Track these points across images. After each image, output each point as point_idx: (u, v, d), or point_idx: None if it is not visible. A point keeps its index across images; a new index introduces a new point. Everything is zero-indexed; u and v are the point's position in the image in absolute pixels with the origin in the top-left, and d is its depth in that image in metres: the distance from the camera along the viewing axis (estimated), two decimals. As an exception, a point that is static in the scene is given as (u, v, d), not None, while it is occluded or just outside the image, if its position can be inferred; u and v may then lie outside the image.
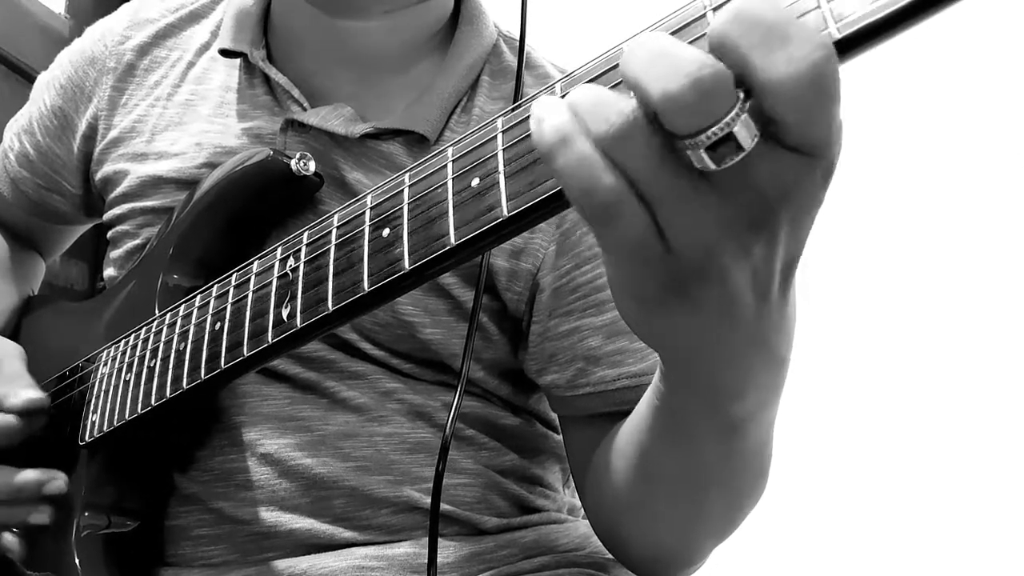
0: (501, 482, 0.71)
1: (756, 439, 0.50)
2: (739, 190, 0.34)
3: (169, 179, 0.72)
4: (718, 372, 0.43)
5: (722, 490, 0.55)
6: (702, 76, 0.31)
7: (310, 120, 0.69)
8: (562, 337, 0.67)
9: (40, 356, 0.76)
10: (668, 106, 0.31)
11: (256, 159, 0.67)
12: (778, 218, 0.35)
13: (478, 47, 0.73)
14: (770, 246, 0.36)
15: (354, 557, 0.65)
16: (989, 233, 1.40)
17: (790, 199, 0.34)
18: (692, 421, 0.48)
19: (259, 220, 0.70)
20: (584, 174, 0.34)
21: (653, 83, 0.31)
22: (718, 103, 0.31)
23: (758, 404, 0.46)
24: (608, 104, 0.33)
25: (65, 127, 0.81)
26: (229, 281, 0.58)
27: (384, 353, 0.68)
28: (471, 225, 0.42)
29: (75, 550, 0.65)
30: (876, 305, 1.45)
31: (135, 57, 0.79)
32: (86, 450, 0.68)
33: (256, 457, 0.67)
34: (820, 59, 0.30)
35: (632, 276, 0.38)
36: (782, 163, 0.33)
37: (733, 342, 0.40)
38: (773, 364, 0.43)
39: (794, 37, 0.30)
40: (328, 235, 0.51)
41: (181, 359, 0.59)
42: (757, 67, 0.31)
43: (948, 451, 1.37)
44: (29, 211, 0.87)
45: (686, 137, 0.32)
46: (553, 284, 0.67)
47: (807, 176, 0.33)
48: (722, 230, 0.35)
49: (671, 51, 0.31)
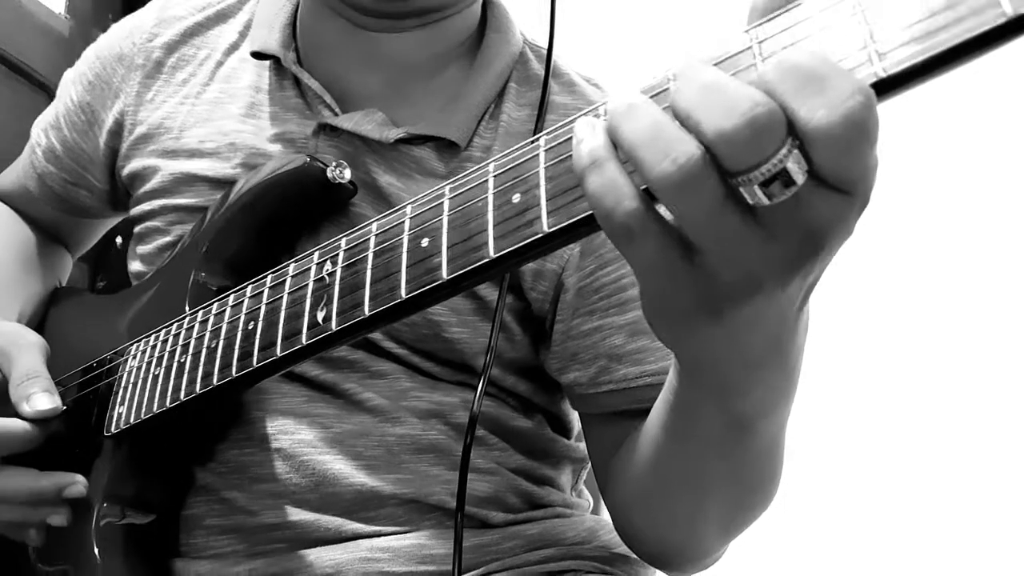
0: (513, 479, 0.72)
1: (765, 439, 0.51)
2: (784, 226, 0.35)
3: (203, 177, 0.74)
4: (730, 372, 0.44)
5: (729, 488, 0.56)
6: (756, 115, 0.32)
7: (343, 124, 0.70)
8: (585, 336, 0.69)
9: (66, 347, 0.77)
10: (723, 144, 0.32)
11: (292, 165, 0.69)
12: (819, 254, 0.36)
13: (506, 55, 0.75)
14: (805, 276, 0.37)
15: (360, 549, 0.66)
16: (988, 233, 1.41)
17: (832, 235, 0.35)
18: (699, 416, 0.49)
19: (292, 225, 0.71)
20: (610, 197, 0.35)
21: (707, 121, 0.32)
22: (771, 140, 0.32)
23: (766, 403, 0.47)
24: (670, 139, 0.34)
25: (92, 122, 0.83)
26: (264, 282, 0.60)
27: (406, 351, 0.70)
28: (510, 239, 0.44)
29: (95, 540, 0.66)
30: (875, 305, 1.46)
31: (163, 54, 0.80)
32: (111, 441, 0.69)
33: (271, 451, 0.68)
34: (857, 106, 0.31)
35: (658, 289, 0.39)
36: (826, 200, 0.34)
37: (752, 348, 0.42)
38: (785, 367, 0.45)
39: (831, 84, 0.31)
40: (367, 242, 0.52)
41: (212, 356, 0.61)
42: (797, 113, 0.32)
43: (947, 451, 1.38)
44: (55, 205, 0.89)
45: (740, 174, 0.33)
46: (577, 284, 0.70)
47: (848, 212, 0.35)
48: (765, 265, 0.36)
49: (724, 87, 0.32)
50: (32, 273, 0.87)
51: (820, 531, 1.41)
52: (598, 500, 0.86)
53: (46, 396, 0.67)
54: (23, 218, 0.91)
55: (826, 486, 1.41)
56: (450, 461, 0.69)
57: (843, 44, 0.34)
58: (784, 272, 0.36)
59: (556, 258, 0.70)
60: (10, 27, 1.23)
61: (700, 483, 0.56)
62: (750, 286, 0.37)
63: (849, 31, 0.34)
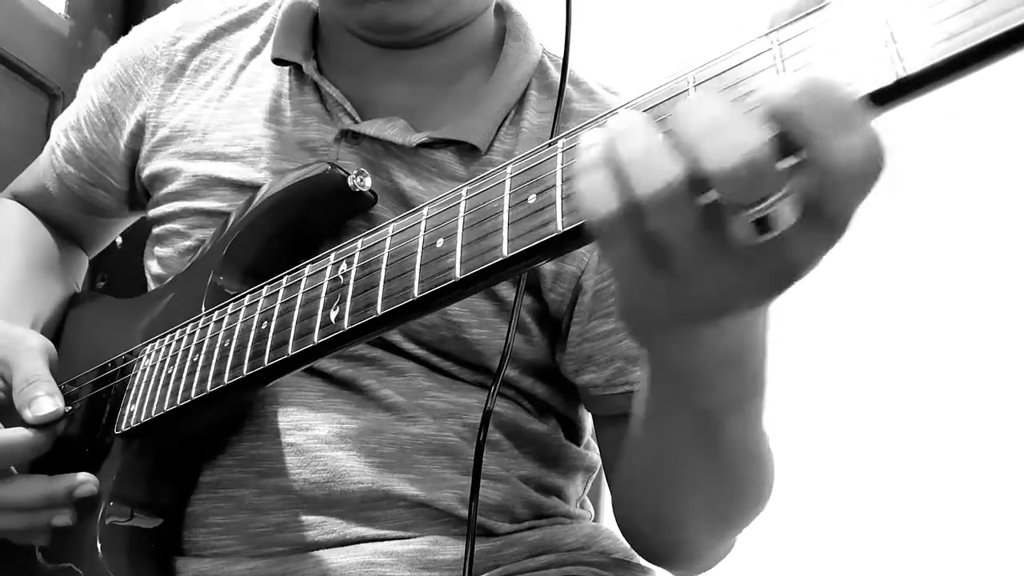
0: (523, 489, 0.72)
1: (736, 435, 0.52)
2: (762, 258, 0.36)
3: (228, 181, 0.75)
4: (695, 368, 0.46)
5: (711, 487, 0.57)
6: (757, 159, 0.32)
7: (366, 130, 0.71)
8: (601, 338, 0.71)
9: (84, 349, 0.78)
10: (721, 180, 0.33)
11: (314, 172, 0.69)
12: (793, 283, 0.37)
13: (526, 63, 0.76)
14: (775, 298, 0.39)
15: (364, 553, 0.66)
16: (987, 232, 1.40)
17: (811, 265, 0.36)
18: (668, 412, 0.51)
19: (312, 232, 0.72)
20: (591, 200, 0.37)
21: (709, 155, 0.33)
22: (769, 183, 0.33)
23: (733, 397, 0.48)
24: (656, 163, 0.35)
25: (113, 124, 0.83)
26: (280, 282, 0.60)
27: (425, 352, 0.70)
28: (525, 239, 0.44)
29: (99, 539, 0.66)
30: (873, 305, 1.45)
31: (186, 58, 0.81)
32: (121, 440, 0.69)
33: (282, 446, 0.68)
34: (877, 155, 0.32)
35: (630, 290, 0.41)
36: (810, 238, 0.35)
37: (716, 349, 0.44)
38: (751, 362, 0.47)
39: (858, 127, 0.32)
40: (383, 243, 0.52)
41: (225, 355, 0.61)
42: (818, 149, 0.32)
43: (945, 452, 1.37)
44: (73, 205, 0.89)
45: (733, 209, 0.34)
46: (595, 287, 0.71)
47: (828, 248, 0.35)
48: (736, 289, 0.38)
49: (729, 124, 0.33)
50: (50, 275, 0.88)
51: (821, 532, 1.41)
52: (599, 508, 0.86)
53: (48, 400, 0.66)
54: (41, 219, 0.91)
55: (826, 487, 1.41)
56: (462, 465, 0.69)
57: (863, 44, 0.34)
58: (755, 297, 0.38)
59: (575, 260, 0.71)
60: (10, 27, 1.24)
61: (679, 481, 0.57)
62: (718, 306, 0.39)
63: (870, 32, 0.34)
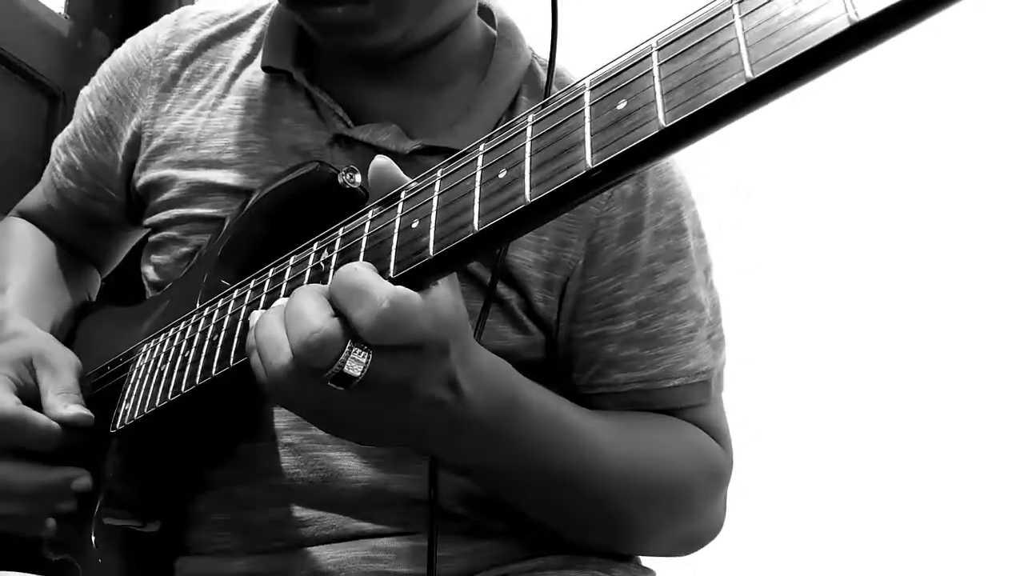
0: None
1: (519, 479, 0.63)
2: (373, 388, 0.48)
3: (222, 187, 0.75)
4: (452, 455, 0.59)
5: (551, 513, 0.68)
6: (313, 340, 0.46)
7: (359, 136, 0.72)
8: (583, 342, 0.73)
9: (90, 357, 0.79)
10: (301, 355, 0.46)
11: (303, 171, 0.69)
12: (417, 396, 0.49)
13: (517, 68, 0.76)
14: (417, 403, 0.50)
15: (362, 548, 0.66)
16: (987, 232, 1.39)
17: (421, 380, 0.49)
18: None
19: (305, 231, 0.72)
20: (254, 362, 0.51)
21: (292, 337, 0.47)
22: (331, 350, 0.46)
23: (468, 457, 0.59)
24: (271, 338, 0.49)
25: (111, 136, 0.84)
26: (266, 274, 0.60)
27: None
28: (495, 213, 0.44)
29: (94, 535, 0.66)
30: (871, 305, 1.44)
31: (179, 67, 0.82)
32: (116, 438, 0.69)
33: (279, 446, 0.68)
34: (386, 310, 0.45)
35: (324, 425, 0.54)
36: (396, 361, 0.48)
37: (405, 441, 0.57)
38: (501, 449, 0.58)
39: (368, 296, 0.45)
40: (361, 228, 0.52)
41: (213, 348, 0.61)
42: (351, 318, 0.46)
43: (944, 452, 1.37)
44: (77, 220, 0.90)
45: (319, 372, 0.46)
46: (578, 292, 0.72)
47: (427, 361, 0.49)
48: (358, 416, 0.51)
49: (302, 314, 0.47)
50: (58, 286, 0.89)
51: (821, 532, 1.39)
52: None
53: (80, 408, 0.70)
54: (49, 236, 0.93)
55: (826, 487, 1.40)
56: None
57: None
58: (385, 418, 0.51)
59: (563, 268, 0.71)
60: (10, 27, 1.23)
61: (522, 504, 0.68)
62: (353, 431, 0.53)
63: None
